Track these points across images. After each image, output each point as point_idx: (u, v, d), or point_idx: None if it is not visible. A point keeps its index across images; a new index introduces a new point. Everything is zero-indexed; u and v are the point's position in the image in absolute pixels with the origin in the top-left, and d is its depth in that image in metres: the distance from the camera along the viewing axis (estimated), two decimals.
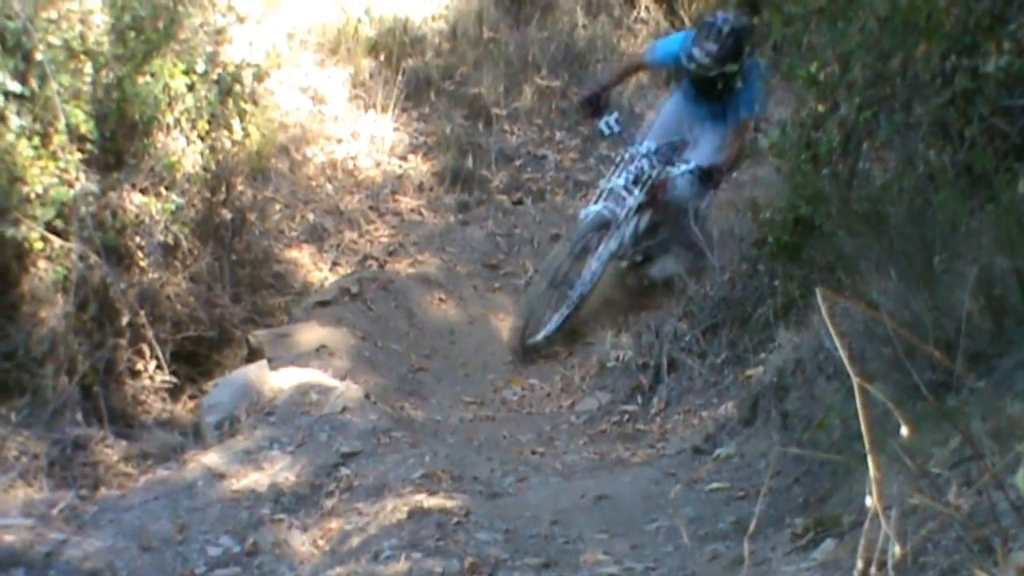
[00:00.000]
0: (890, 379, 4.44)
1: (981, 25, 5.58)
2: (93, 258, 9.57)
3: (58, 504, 7.96)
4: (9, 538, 7.43)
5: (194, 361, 10.13)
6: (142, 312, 9.80)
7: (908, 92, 5.85)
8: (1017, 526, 2.85)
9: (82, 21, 10.24)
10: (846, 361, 2.56)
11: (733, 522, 6.08)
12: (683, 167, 10.52)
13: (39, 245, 9.41)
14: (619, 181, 10.57)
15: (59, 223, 9.54)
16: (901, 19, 5.72)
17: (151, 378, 9.69)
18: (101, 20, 10.30)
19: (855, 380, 2.51)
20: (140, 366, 9.64)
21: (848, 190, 6.28)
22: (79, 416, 8.88)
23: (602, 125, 10.67)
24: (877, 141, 6.18)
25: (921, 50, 5.75)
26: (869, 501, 2.45)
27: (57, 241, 9.50)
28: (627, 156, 10.71)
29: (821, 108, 6.59)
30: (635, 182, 10.52)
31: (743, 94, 10.62)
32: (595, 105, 10.80)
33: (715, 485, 6.55)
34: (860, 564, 2.65)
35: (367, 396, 9.03)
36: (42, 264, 9.39)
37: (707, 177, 10.49)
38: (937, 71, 5.77)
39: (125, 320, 9.70)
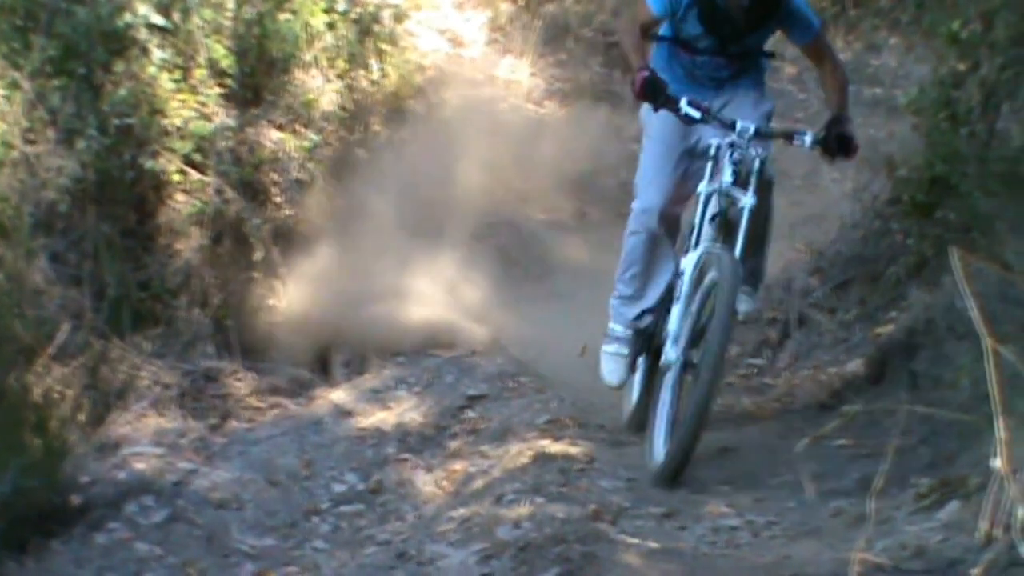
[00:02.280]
0: (1023, 342, 4.42)
1: None
2: (229, 192, 9.68)
3: (188, 434, 8.09)
4: (140, 465, 7.57)
5: None
6: (275, 248, 9.90)
7: None
8: None
9: None
10: (978, 322, 2.56)
11: (858, 479, 6.05)
12: (807, 139, 7.12)
13: (177, 178, 9.54)
14: (727, 179, 7.03)
15: (197, 157, 9.67)
16: None
17: (282, 314, 9.79)
18: None
19: (986, 342, 2.51)
20: (272, 301, 9.73)
21: (986, 150, 6.23)
22: (211, 348, 8.98)
23: (688, 111, 7.06)
24: (1018, 101, 6.13)
25: None
26: (995, 463, 2.46)
27: (195, 174, 9.62)
28: (718, 146, 7.10)
29: (961, 66, 6.53)
30: (735, 179, 7.03)
31: (790, 18, 7.25)
32: (658, 93, 7.13)
33: (841, 442, 6.52)
34: (985, 526, 2.66)
35: (495, 339, 9.07)
36: (179, 197, 9.51)
37: (842, 145, 7.03)
38: None
39: (259, 255, 9.81)
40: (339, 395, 8.56)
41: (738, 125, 7.06)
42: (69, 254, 8.11)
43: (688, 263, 7.19)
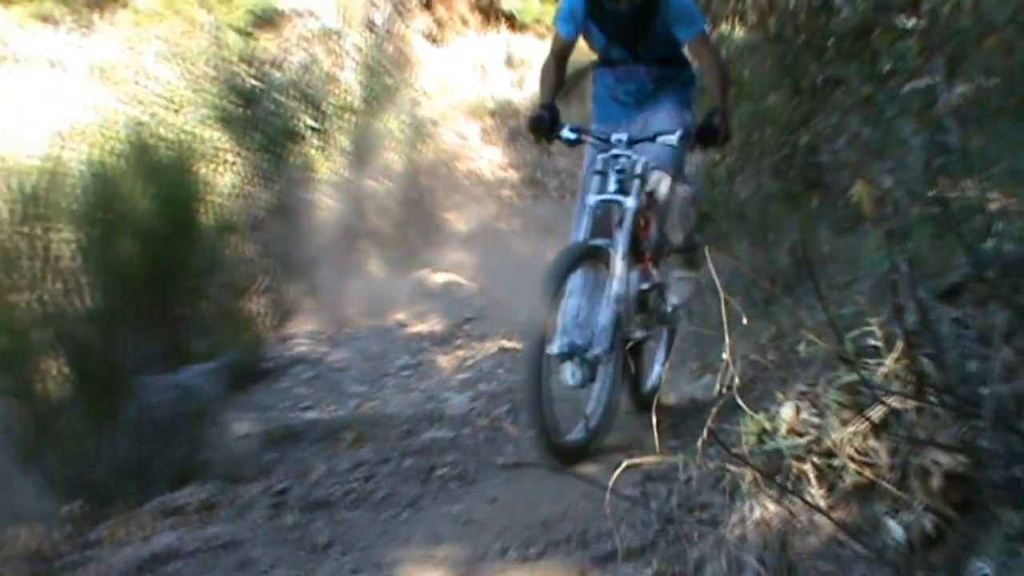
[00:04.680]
0: (743, 295, 4.49)
1: (797, 120, 5.59)
2: (348, 211, 9.76)
3: (324, 333, 8.12)
4: (299, 349, 7.60)
5: None
6: (367, 240, 9.98)
7: (760, 152, 5.85)
8: (802, 370, 2.89)
9: (347, 92, 10.38)
10: (718, 286, 2.61)
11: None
12: (669, 139, 4.26)
13: (321, 203, 9.59)
14: (612, 188, 4.26)
15: (332, 194, 9.72)
16: (759, 115, 5.73)
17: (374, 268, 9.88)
18: (357, 92, 10.48)
19: (721, 295, 2.56)
20: (369, 265, 9.79)
21: (728, 200, 6.28)
22: (338, 293, 8.96)
23: (567, 136, 4.37)
24: (744, 175, 6.17)
25: (768, 132, 5.75)
26: (724, 355, 2.51)
27: (330, 201, 9.67)
28: (603, 160, 4.33)
29: (717, 157, 6.58)
30: (620, 185, 4.27)
31: (672, 14, 4.33)
32: (544, 125, 4.42)
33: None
34: (719, 387, 2.72)
35: (480, 290, 9.11)
36: (321, 214, 9.56)
37: (709, 136, 4.31)
38: (776, 142, 5.78)
39: (361, 243, 9.86)
40: (400, 315, 8.59)
41: (613, 138, 4.32)
42: (268, 242, 8.06)
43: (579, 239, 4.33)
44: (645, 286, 4.50)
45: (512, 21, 13.48)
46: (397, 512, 3.88)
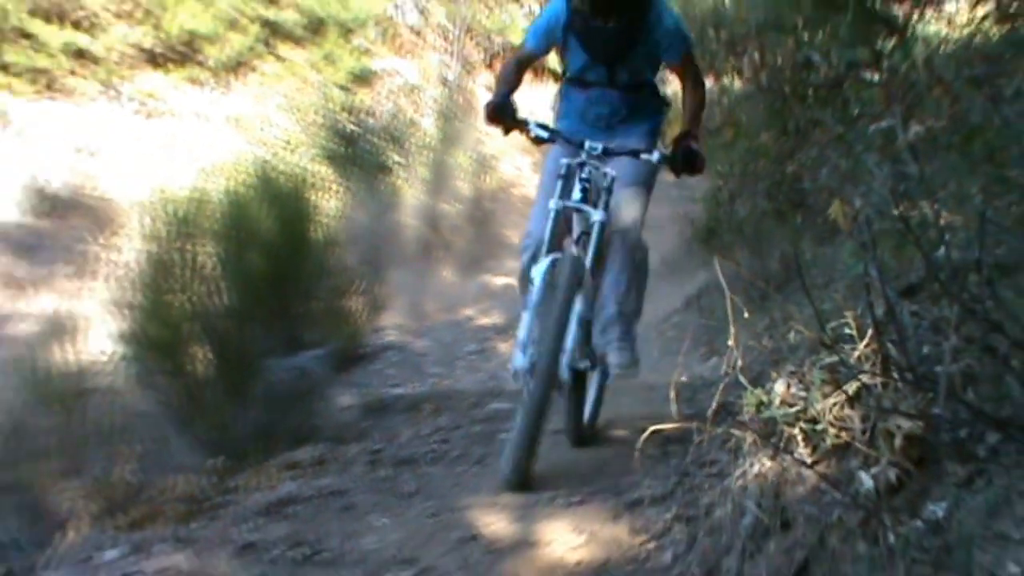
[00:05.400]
0: (743, 294, 4.46)
1: (784, 154, 5.54)
2: (426, 228, 9.80)
3: (408, 325, 8.15)
4: (388, 339, 7.64)
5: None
6: (441, 251, 10.00)
7: (756, 179, 5.80)
8: (791, 354, 2.86)
9: (426, 134, 10.44)
10: (724, 286, 2.60)
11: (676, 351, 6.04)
12: (654, 156, 3.33)
13: (405, 222, 9.65)
14: (576, 196, 3.38)
15: (414, 215, 9.77)
16: (754, 150, 5.68)
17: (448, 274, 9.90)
18: (434, 134, 10.53)
19: (727, 294, 2.55)
20: (443, 271, 9.82)
21: (730, 217, 6.23)
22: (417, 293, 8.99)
23: (537, 132, 3.39)
24: (743, 198, 6.12)
25: (761, 163, 5.70)
26: (729, 342, 2.50)
27: (412, 221, 9.70)
28: (568, 165, 3.41)
29: (721, 183, 6.51)
30: (584, 194, 3.37)
31: (663, 39, 3.37)
32: (504, 116, 3.41)
33: (668, 334, 6.49)
34: (725, 367, 2.72)
35: None
36: (406, 230, 9.58)
37: (689, 161, 3.31)
38: (768, 171, 5.73)
39: (437, 254, 9.88)
40: (468, 311, 8.61)
41: (586, 144, 3.38)
42: (364, 254, 7.90)
43: (537, 272, 3.57)
44: (590, 316, 3.62)
45: (556, 75, 13.42)
46: (468, 467, 3.92)
